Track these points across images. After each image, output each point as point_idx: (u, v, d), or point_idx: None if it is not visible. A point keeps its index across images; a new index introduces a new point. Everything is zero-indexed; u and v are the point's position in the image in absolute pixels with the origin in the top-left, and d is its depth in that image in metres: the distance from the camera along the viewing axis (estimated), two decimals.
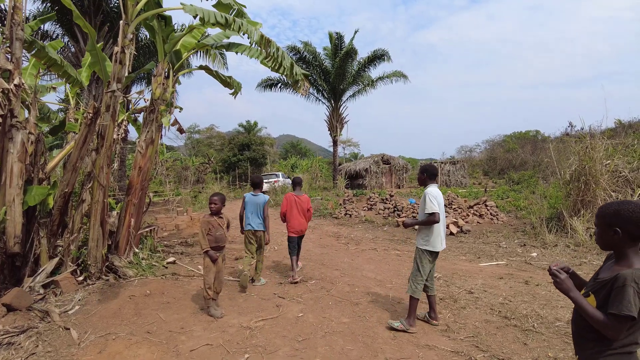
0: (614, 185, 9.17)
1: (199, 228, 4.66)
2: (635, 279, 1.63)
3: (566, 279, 1.83)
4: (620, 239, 1.75)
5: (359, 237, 10.37)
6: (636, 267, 1.69)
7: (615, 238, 1.77)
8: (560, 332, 4.00)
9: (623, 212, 1.74)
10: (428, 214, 4.11)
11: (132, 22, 5.93)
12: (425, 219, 4.15)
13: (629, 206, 1.74)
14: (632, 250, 1.75)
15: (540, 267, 6.71)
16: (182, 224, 11.75)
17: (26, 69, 6.90)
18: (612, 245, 1.81)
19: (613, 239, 1.78)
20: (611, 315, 1.65)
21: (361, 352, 3.67)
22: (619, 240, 1.76)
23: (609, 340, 1.71)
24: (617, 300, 1.64)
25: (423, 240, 4.22)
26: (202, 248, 4.55)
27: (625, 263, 1.75)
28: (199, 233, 4.61)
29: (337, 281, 6.07)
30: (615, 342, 1.70)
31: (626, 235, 1.73)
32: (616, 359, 1.71)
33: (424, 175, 4.36)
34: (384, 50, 24.03)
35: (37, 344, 3.78)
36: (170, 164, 30.68)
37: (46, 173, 5.77)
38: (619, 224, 1.74)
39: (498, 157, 36.38)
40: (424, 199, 4.17)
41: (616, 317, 1.64)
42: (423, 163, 29.57)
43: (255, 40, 5.84)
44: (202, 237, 4.54)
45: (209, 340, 3.93)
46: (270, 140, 47.45)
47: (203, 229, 4.57)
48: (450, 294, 5.35)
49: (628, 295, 1.61)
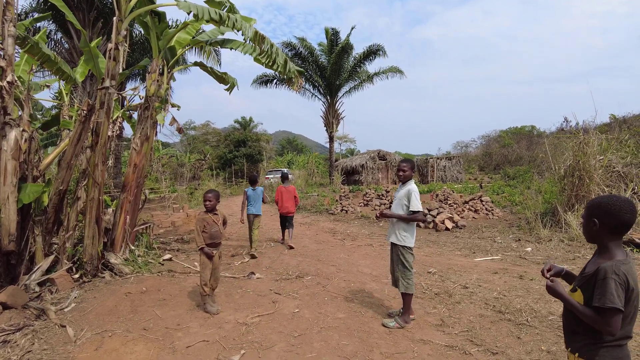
0: (607, 180, 9.25)
1: (195, 225, 4.65)
2: (616, 271, 1.67)
3: (556, 284, 1.87)
4: (599, 230, 1.80)
5: (355, 233, 10.40)
6: (617, 259, 1.73)
7: (594, 229, 1.82)
8: (553, 326, 4.04)
9: (603, 205, 1.79)
10: (413, 211, 4.10)
11: (125, 19, 5.90)
12: (411, 216, 4.14)
13: (610, 199, 1.79)
14: (613, 243, 1.79)
15: (534, 262, 6.77)
16: (178, 220, 11.73)
17: (19, 65, 6.85)
18: (594, 236, 1.86)
19: (593, 230, 1.84)
20: (596, 309, 1.70)
21: (357, 347, 3.69)
22: (597, 231, 1.82)
23: (598, 334, 1.74)
24: (600, 293, 1.68)
25: (402, 237, 4.20)
26: (198, 245, 4.56)
27: (607, 256, 1.79)
28: (195, 230, 4.61)
29: (333, 277, 6.10)
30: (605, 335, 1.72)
31: (605, 227, 1.78)
32: (607, 351, 1.74)
33: (412, 171, 4.30)
34: (379, 45, 23.98)
35: (33, 341, 3.78)
36: (165, 160, 30.62)
37: (40, 171, 5.74)
38: (597, 215, 1.80)
39: (494, 153, 36.53)
40: (409, 196, 4.12)
41: (601, 310, 1.68)
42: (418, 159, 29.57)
43: (250, 36, 5.83)
44: (198, 234, 4.55)
45: (205, 336, 3.95)
46: (266, 136, 47.41)
47: (198, 226, 4.57)
48: (445, 288, 5.39)
49: (610, 287, 1.66)
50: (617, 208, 1.75)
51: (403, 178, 4.30)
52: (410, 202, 4.11)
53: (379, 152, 28.08)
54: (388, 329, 4.10)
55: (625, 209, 1.74)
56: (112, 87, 5.79)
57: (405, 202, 4.16)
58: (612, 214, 1.75)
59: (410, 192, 4.13)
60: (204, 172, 31.90)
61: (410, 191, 4.14)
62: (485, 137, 45.42)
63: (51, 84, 8.32)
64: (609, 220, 1.77)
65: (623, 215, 1.74)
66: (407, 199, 4.14)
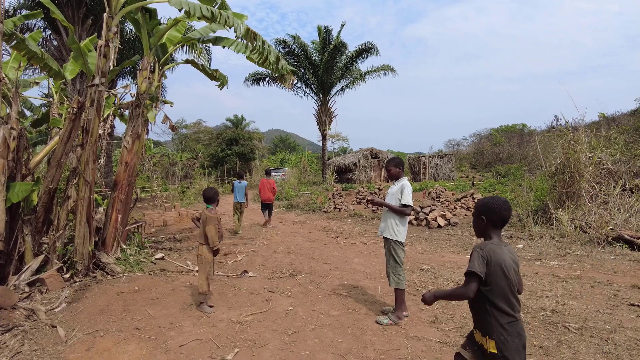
0: (597, 177, 9.36)
1: (211, 224, 4.54)
2: (481, 246, 2.11)
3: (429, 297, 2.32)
4: (486, 225, 2.21)
5: (348, 231, 10.42)
6: (490, 241, 2.16)
7: (482, 225, 2.23)
8: (545, 321, 4.08)
9: (489, 204, 2.20)
10: (404, 205, 4.17)
11: (116, 15, 5.83)
12: (399, 208, 4.20)
13: (493, 200, 2.21)
14: (494, 233, 2.21)
15: (526, 259, 6.82)
16: (170, 219, 11.66)
17: (7, 62, 6.75)
18: (482, 230, 2.26)
19: (481, 225, 2.24)
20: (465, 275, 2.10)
21: (350, 344, 3.70)
22: (485, 226, 2.22)
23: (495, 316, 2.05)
24: (470, 263, 2.09)
25: (394, 231, 4.25)
26: (215, 245, 4.57)
27: None
28: (212, 229, 4.51)
29: (327, 275, 6.10)
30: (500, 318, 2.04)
31: (490, 222, 2.19)
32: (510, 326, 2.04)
33: (399, 169, 4.41)
34: (371, 43, 24.04)
35: (23, 342, 3.73)
36: (157, 159, 30.39)
37: (30, 169, 5.66)
38: (485, 213, 2.20)
39: (485, 151, 36.82)
40: (402, 190, 4.21)
41: (466, 274, 2.09)
42: (410, 157, 29.65)
43: (241, 33, 5.79)
44: (216, 234, 4.54)
45: (198, 335, 3.92)
46: (258, 134, 47.25)
47: (215, 225, 4.55)
48: (438, 285, 5.41)
49: (473, 257, 2.09)
50: (498, 207, 2.16)
51: (392, 176, 4.45)
52: (403, 195, 4.18)
53: (371, 151, 28.15)
54: (382, 325, 4.11)
55: (505, 207, 2.17)
56: (102, 84, 5.72)
57: (398, 197, 4.24)
58: (495, 211, 2.16)
59: (404, 187, 4.23)
60: (195, 171, 31.69)
61: (404, 186, 4.24)
62: (477, 135, 45.80)
63: (40, 81, 8.19)
64: (493, 217, 2.17)
65: (503, 212, 2.17)
66: (401, 193, 4.22)
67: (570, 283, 5.35)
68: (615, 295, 4.83)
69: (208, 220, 4.53)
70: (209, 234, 4.51)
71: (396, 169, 4.40)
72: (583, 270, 5.98)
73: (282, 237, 9.63)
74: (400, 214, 4.24)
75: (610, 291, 4.99)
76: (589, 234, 7.96)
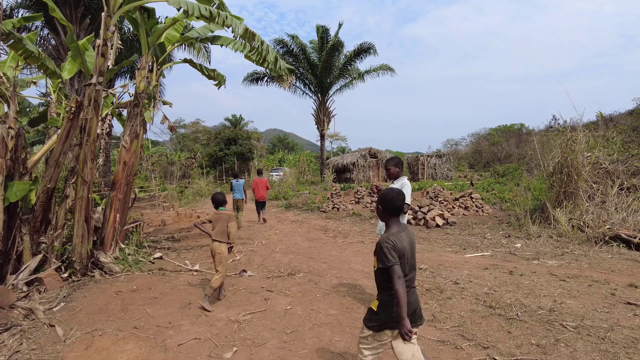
0: (595, 176, 9.39)
1: (234, 221, 4.89)
2: (386, 240, 2.41)
3: None
4: (383, 212, 2.58)
5: (347, 231, 10.43)
6: (390, 232, 2.49)
7: (380, 212, 2.61)
8: (542, 320, 4.09)
9: (385, 195, 2.57)
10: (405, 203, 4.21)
11: (114, 14, 5.82)
12: None
13: (389, 192, 2.58)
14: (392, 221, 2.56)
15: (524, 258, 6.85)
16: (168, 219, 11.65)
17: (5, 62, 6.72)
18: (381, 217, 2.63)
19: (380, 212, 2.62)
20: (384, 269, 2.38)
21: (349, 343, 3.70)
22: (383, 213, 2.59)
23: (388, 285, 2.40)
24: (380, 258, 2.39)
25: None
26: (234, 242, 4.92)
27: (388, 230, 2.54)
28: (233, 227, 4.82)
29: (325, 274, 6.10)
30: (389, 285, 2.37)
31: (386, 210, 2.56)
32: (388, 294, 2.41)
33: (399, 169, 4.45)
34: (370, 43, 24.04)
35: (22, 341, 3.73)
36: (155, 158, 30.32)
37: (27, 168, 5.65)
38: (381, 202, 2.59)
39: (483, 150, 36.85)
40: (403, 189, 4.19)
41: (389, 270, 2.34)
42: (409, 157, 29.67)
43: (240, 33, 5.79)
44: (236, 232, 4.89)
45: (197, 334, 3.93)
46: (257, 134, 47.23)
47: (234, 223, 4.88)
48: (436, 284, 5.43)
49: (384, 252, 2.37)
50: (391, 197, 2.53)
51: (392, 176, 4.49)
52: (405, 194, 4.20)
53: (370, 150, 28.14)
54: None
55: (397, 198, 2.54)
56: (100, 83, 5.71)
57: None
58: (389, 201, 2.53)
59: (404, 186, 4.28)
60: (194, 171, 31.66)
61: (404, 185, 4.29)
62: (475, 135, 45.84)
63: (38, 81, 8.16)
64: (387, 206, 2.54)
65: (395, 202, 2.53)
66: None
67: (567, 282, 5.37)
68: (612, 294, 4.85)
69: (231, 218, 4.84)
70: (232, 229, 4.79)
71: (395, 169, 4.44)
72: (580, 269, 6.00)
73: (280, 236, 9.63)
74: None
75: (607, 290, 5.01)
76: (586, 233, 7.98)
